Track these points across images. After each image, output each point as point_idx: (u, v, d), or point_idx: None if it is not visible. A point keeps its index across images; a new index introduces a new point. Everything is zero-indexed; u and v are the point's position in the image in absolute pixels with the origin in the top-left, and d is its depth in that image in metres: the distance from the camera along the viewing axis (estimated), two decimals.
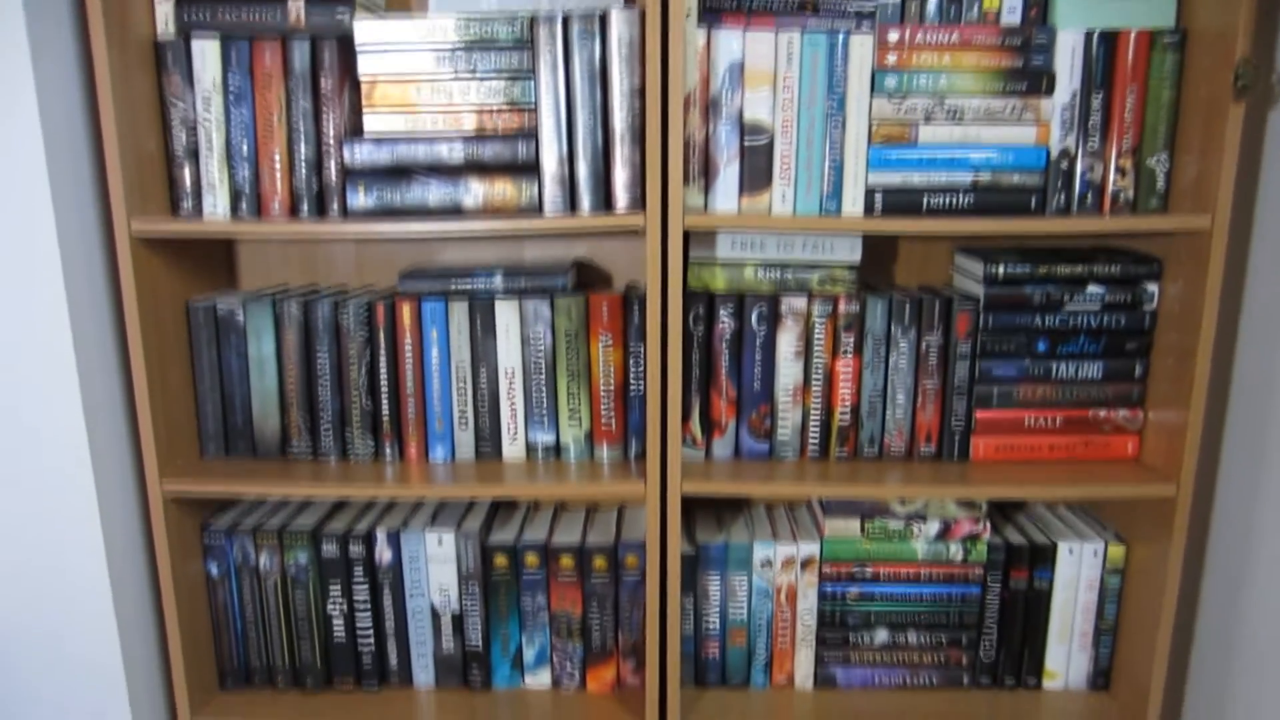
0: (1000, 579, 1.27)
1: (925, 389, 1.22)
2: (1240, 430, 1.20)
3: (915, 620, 1.29)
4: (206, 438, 1.25)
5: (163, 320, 1.17)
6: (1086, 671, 1.29)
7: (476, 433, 1.24)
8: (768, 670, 1.32)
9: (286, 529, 1.26)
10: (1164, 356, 1.17)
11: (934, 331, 1.20)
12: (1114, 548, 1.25)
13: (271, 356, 1.22)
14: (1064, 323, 1.18)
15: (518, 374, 1.23)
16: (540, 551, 1.28)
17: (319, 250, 1.36)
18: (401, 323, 1.21)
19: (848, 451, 1.24)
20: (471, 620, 1.29)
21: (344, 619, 1.29)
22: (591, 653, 1.31)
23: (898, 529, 1.27)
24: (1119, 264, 1.17)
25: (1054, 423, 1.21)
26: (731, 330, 1.20)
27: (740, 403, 1.23)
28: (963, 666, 1.30)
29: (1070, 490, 1.15)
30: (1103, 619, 1.27)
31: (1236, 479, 1.20)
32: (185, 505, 1.23)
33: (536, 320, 1.21)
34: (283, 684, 1.31)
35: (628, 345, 1.22)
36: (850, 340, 1.20)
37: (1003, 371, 1.20)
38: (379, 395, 1.23)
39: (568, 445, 1.25)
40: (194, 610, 1.25)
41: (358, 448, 1.24)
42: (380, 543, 1.27)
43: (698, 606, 1.29)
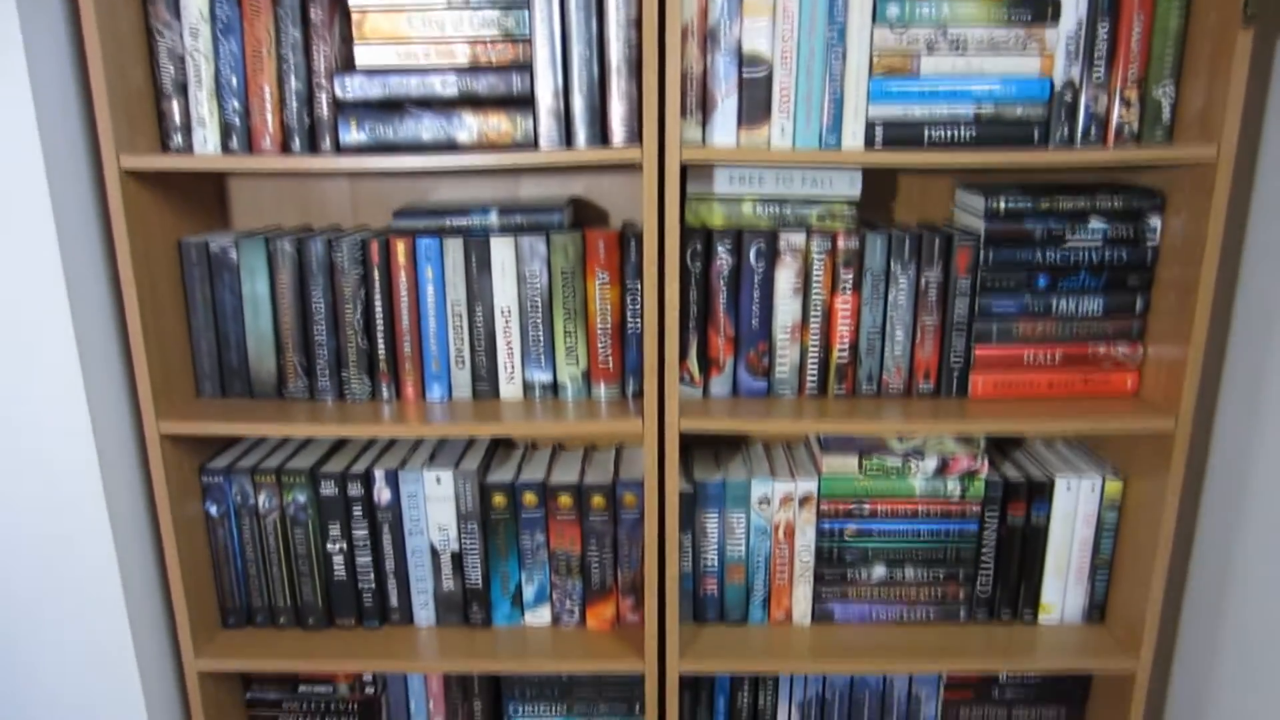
0: (997, 515, 1.27)
1: (924, 326, 1.21)
2: (1240, 365, 1.19)
3: (912, 556, 1.29)
4: (202, 378, 1.24)
5: (155, 259, 1.16)
6: (1082, 605, 1.31)
7: (473, 372, 1.24)
8: (766, 606, 1.33)
9: (284, 469, 1.26)
10: (1165, 291, 1.16)
11: (934, 267, 1.19)
12: (1111, 483, 1.25)
13: (266, 296, 1.21)
14: (1065, 258, 1.17)
15: (514, 312, 1.22)
16: (539, 490, 1.28)
17: (312, 190, 1.35)
18: (396, 261, 1.20)
19: (846, 389, 1.24)
20: (471, 559, 1.30)
21: (344, 558, 1.29)
22: (591, 590, 1.32)
23: (895, 466, 1.27)
24: (1121, 198, 1.15)
25: (1053, 359, 1.21)
26: (729, 267, 1.19)
27: (738, 340, 1.22)
28: (959, 601, 1.31)
29: (1068, 425, 1.14)
30: (1099, 554, 1.28)
31: (1235, 414, 1.20)
32: (182, 445, 1.23)
33: (532, 258, 1.20)
34: (285, 622, 1.32)
35: (624, 283, 1.21)
36: (849, 277, 1.19)
37: (1002, 307, 1.20)
38: (375, 335, 1.22)
39: (565, 384, 1.25)
40: (194, 550, 1.26)
41: (354, 388, 1.24)
42: (379, 482, 1.27)
43: (696, 544, 1.30)
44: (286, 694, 1.38)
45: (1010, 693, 1.36)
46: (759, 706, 1.37)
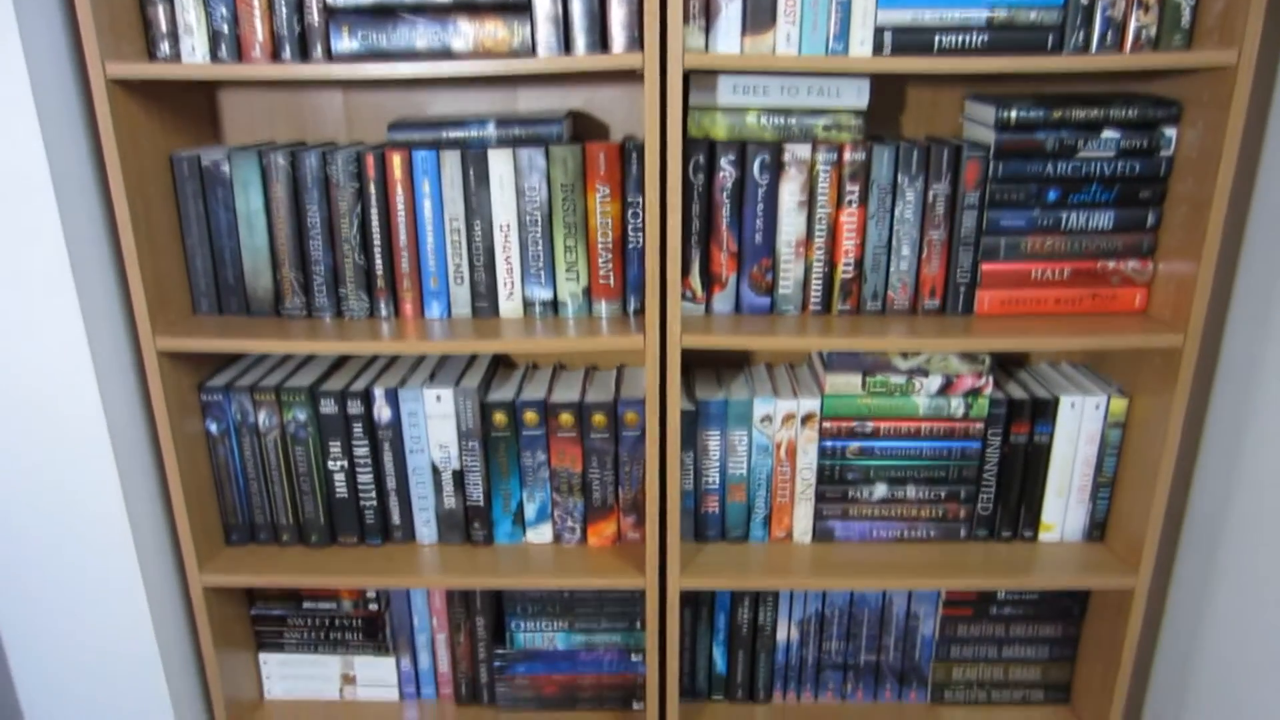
0: (1001, 434, 1.27)
1: (931, 241, 1.19)
2: (1251, 281, 1.17)
3: (914, 475, 1.29)
4: (198, 294, 1.23)
5: (146, 173, 1.14)
6: (1082, 524, 1.31)
7: (472, 289, 1.22)
8: (767, 525, 1.33)
9: (284, 387, 1.25)
10: (1177, 205, 1.13)
11: (942, 181, 1.16)
12: (1116, 401, 1.24)
13: (260, 211, 1.19)
14: (1076, 170, 1.14)
15: (513, 228, 1.20)
16: (539, 409, 1.27)
17: (305, 103, 1.31)
18: (392, 175, 1.17)
19: (850, 306, 1.22)
20: (472, 477, 1.30)
21: (345, 476, 1.29)
22: (592, 508, 1.33)
23: (899, 384, 1.26)
24: (1136, 108, 1.12)
25: (1061, 275, 1.19)
26: (733, 180, 1.16)
27: (741, 256, 1.20)
28: (960, 520, 1.31)
29: (1075, 342, 1.13)
30: (1101, 473, 1.27)
31: (1244, 331, 1.18)
32: (180, 363, 1.22)
33: (531, 171, 1.17)
34: (288, 540, 1.33)
35: (625, 197, 1.19)
36: (855, 190, 1.17)
37: (1011, 222, 1.17)
38: (372, 251, 1.20)
39: (565, 301, 1.23)
40: (196, 468, 1.26)
41: (352, 305, 1.23)
42: (379, 400, 1.26)
43: (697, 463, 1.30)
44: (291, 610, 1.40)
45: (1009, 610, 1.37)
46: (759, 623, 1.39)
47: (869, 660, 1.41)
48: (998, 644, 1.39)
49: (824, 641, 1.40)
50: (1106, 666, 1.30)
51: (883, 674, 1.42)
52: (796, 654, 1.41)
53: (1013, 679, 1.41)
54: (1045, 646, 1.38)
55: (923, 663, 1.41)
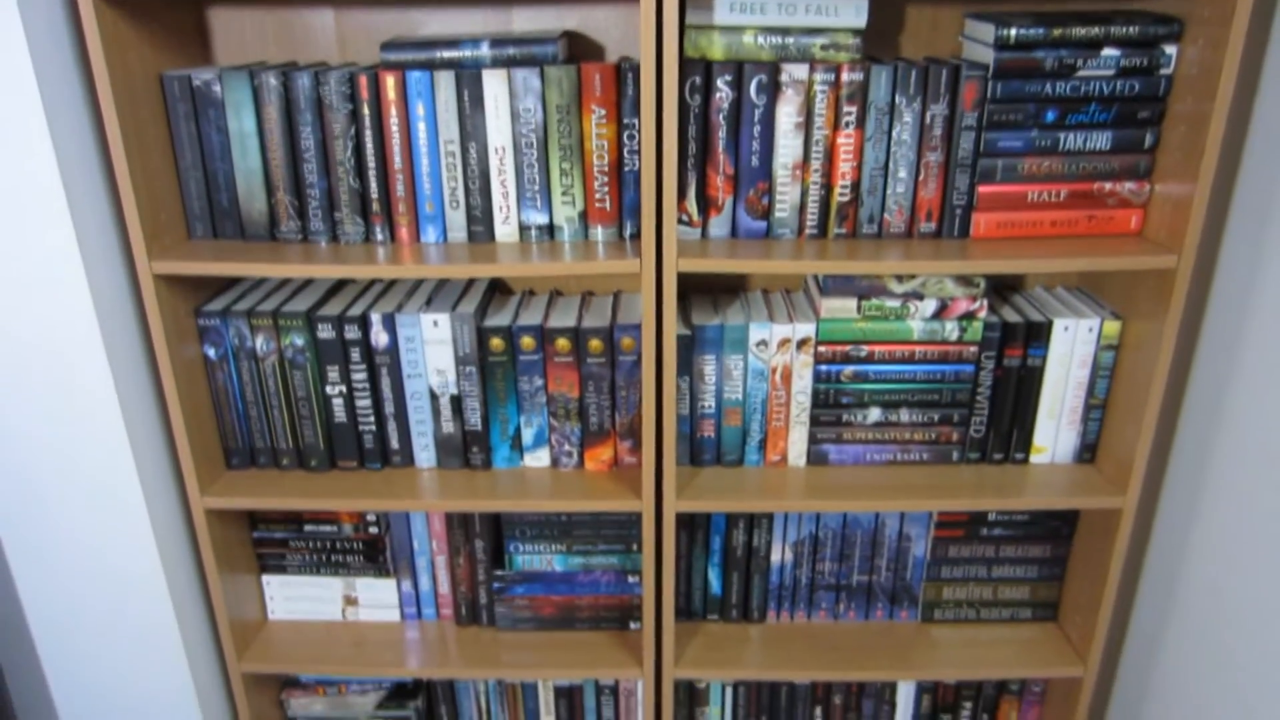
0: (994, 357, 1.28)
1: (928, 164, 1.18)
2: (1246, 204, 1.17)
3: (908, 399, 1.30)
4: (193, 218, 1.22)
5: (136, 93, 1.12)
6: (1074, 446, 1.32)
7: (468, 214, 1.22)
8: (761, 449, 1.34)
9: (280, 312, 1.26)
10: (1176, 125, 1.13)
11: (940, 102, 1.15)
12: (1109, 324, 1.25)
13: (253, 133, 1.18)
14: (1075, 90, 1.14)
15: (508, 151, 1.19)
16: (536, 334, 1.28)
17: (295, 22, 1.29)
18: (386, 97, 1.16)
19: (847, 229, 1.22)
20: (470, 402, 1.31)
21: (344, 401, 1.30)
22: (589, 433, 1.34)
23: (894, 308, 1.26)
24: (1137, 25, 1.11)
25: (1058, 197, 1.19)
26: (729, 101, 1.16)
27: (737, 180, 1.20)
28: (953, 443, 1.33)
29: (1071, 263, 1.13)
30: (1093, 395, 1.29)
31: (1238, 254, 1.19)
32: (177, 287, 1.22)
33: (526, 93, 1.16)
34: (288, 464, 1.34)
35: (621, 120, 1.18)
36: (853, 112, 1.16)
37: (1008, 144, 1.17)
38: (366, 175, 1.19)
39: (561, 226, 1.23)
40: (195, 392, 1.26)
41: (347, 229, 1.22)
42: (375, 325, 1.27)
43: (693, 388, 1.31)
44: (292, 533, 1.42)
45: (999, 531, 1.39)
46: (753, 545, 1.41)
47: (861, 581, 1.44)
48: (988, 564, 1.41)
49: (817, 563, 1.42)
50: (1093, 585, 1.33)
51: (874, 594, 1.45)
52: (790, 575, 1.43)
53: (1001, 598, 1.44)
54: (1034, 566, 1.41)
55: (914, 583, 1.43)
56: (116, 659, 1.37)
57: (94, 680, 1.39)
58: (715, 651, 1.42)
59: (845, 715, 1.53)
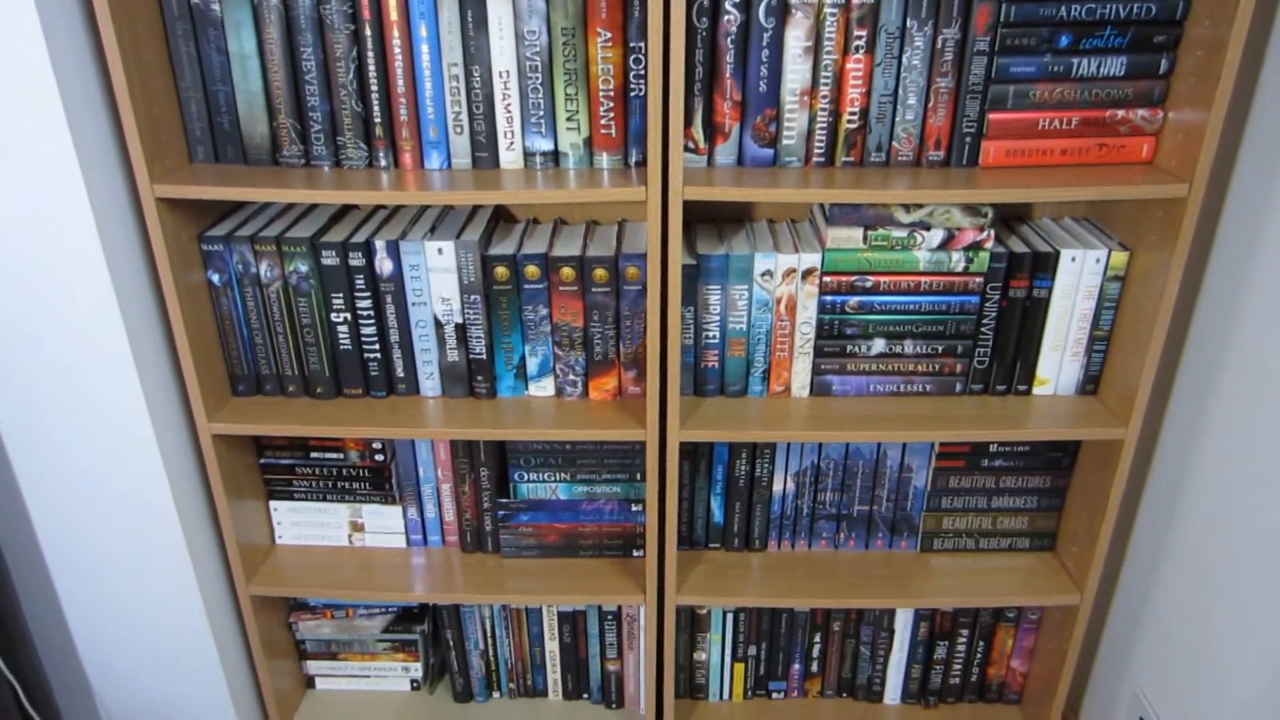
0: (1000, 288, 1.27)
1: (938, 90, 1.17)
2: (1259, 135, 1.16)
3: (912, 330, 1.30)
4: (194, 142, 1.21)
5: (134, 11, 1.10)
6: (1076, 378, 1.33)
7: (472, 139, 1.21)
8: (765, 379, 1.35)
9: (284, 238, 1.25)
10: (1192, 50, 1.11)
11: (952, 26, 1.13)
12: (1117, 255, 1.24)
13: (254, 54, 1.16)
14: (1090, 13, 1.11)
15: (512, 75, 1.17)
16: (540, 263, 1.27)
17: None
18: (388, 17, 1.14)
19: (854, 158, 1.21)
20: (474, 330, 1.31)
21: (349, 329, 1.30)
22: (593, 363, 1.34)
23: (900, 238, 1.25)
24: None
25: (1069, 124, 1.17)
26: (738, 24, 1.14)
27: (744, 106, 1.18)
28: (956, 374, 1.33)
29: (1080, 191, 1.12)
30: (1098, 327, 1.29)
31: (1249, 183, 1.18)
32: (180, 211, 1.21)
33: (531, 15, 1.14)
34: (294, 391, 1.35)
35: (628, 43, 1.16)
36: (863, 36, 1.14)
37: (1021, 69, 1.15)
38: (369, 98, 1.18)
39: (566, 152, 1.22)
40: (200, 318, 1.27)
41: (350, 154, 1.21)
42: (380, 253, 1.26)
43: (698, 318, 1.30)
44: (299, 459, 1.43)
45: (999, 462, 1.40)
46: (756, 475, 1.42)
47: (861, 511, 1.45)
48: (987, 495, 1.43)
49: (818, 493, 1.44)
50: (1092, 515, 1.34)
51: (874, 524, 1.46)
52: (792, 505, 1.45)
53: (1000, 528, 1.45)
54: (1033, 497, 1.43)
55: (914, 513, 1.45)
56: (128, 582, 1.39)
57: (107, 603, 1.41)
58: (717, 579, 1.44)
59: (844, 642, 1.55)
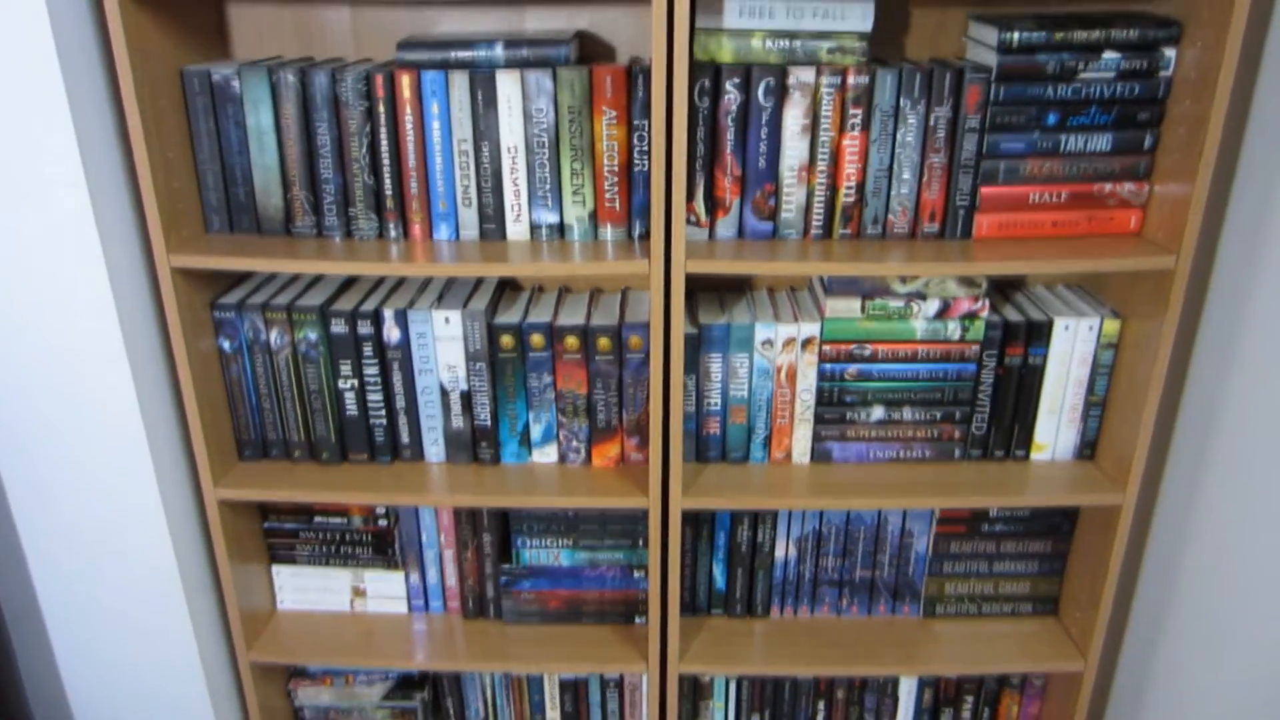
0: (996, 356, 1.30)
1: (932, 166, 1.21)
2: (1243, 205, 1.19)
3: (911, 397, 1.32)
4: (210, 212, 1.25)
5: (157, 87, 1.15)
6: (1074, 443, 1.35)
7: (480, 212, 1.24)
8: (766, 446, 1.36)
9: (295, 306, 1.28)
10: (1175, 126, 1.15)
11: (943, 105, 1.18)
12: (1109, 323, 1.27)
13: (270, 129, 1.20)
14: (1076, 93, 1.16)
15: (520, 151, 1.21)
16: (546, 332, 1.30)
17: (313, 19, 1.32)
18: (401, 95, 1.18)
19: (851, 231, 1.24)
20: (479, 398, 1.33)
21: (355, 395, 1.32)
22: (597, 430, 1.36)
23: (898, 308, 1.28)
24: (1137, 28, 1.13)
25: (1059, 198, 1.21)
26: (738, 104, 1.18)
27: (745, 181, 1.22)
28: (955, 440, 1.35)
29: (1071, 264, 1.16)
30: (1093, 393, 1.31)
31: (1236, 254, 1.21)
32: (193, 280, 1.24)
33: (539, 94, 1.18)
34: (299, 456, 1.36)
35: (632, 121, 1.20)
36: (858, 115, 1.18)
37: (1011, 146, 1.19)
38: (381, 172, 1.22)
39: (571, 225, 1.25)
40: (210, 384, 1.29)
41: (361, 226, 1.25)
42: (388, 321, 1.29)
43: (699, 386, 1.33)
44: (303, 524, 1.44)
45: (1000, 527, 1.41)
46: (758, 541, 1.43)
47: (864, 576, 1.45)
48: (989, 560, 1.43)
49: (820, 559, 1.44)
50: (1094, 580, 1.35)
51: (877, 590, 1.47)
52: (794, 571, 1.45)
53: (1003, 593, 1.46)
54: (1035, 562, 1.43)
55: (916, 578, 1.45)
56: (127, 647, 1.39)
57: (105, 667, 1.40)
58: (720, 646, 1.43)
59: (848, 710, 1.54)
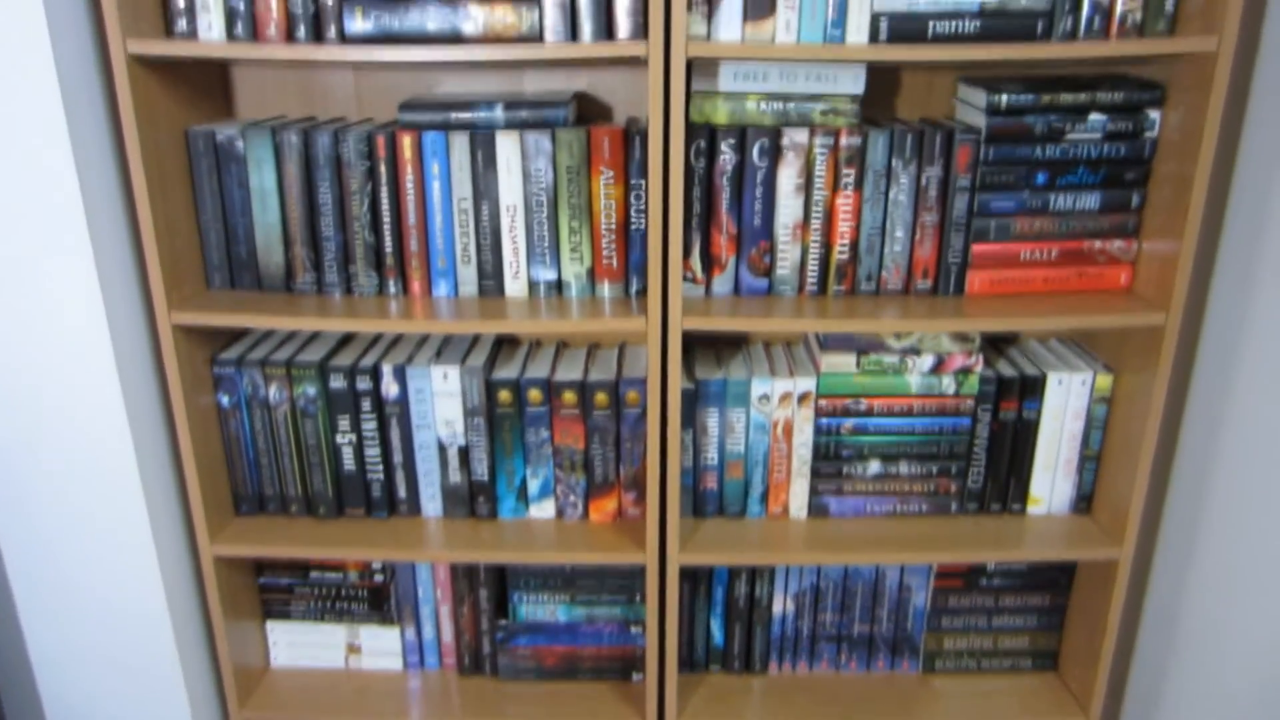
0: (990, 410, 1.31)
1: (924, 224, 1.23)
2: (1231, 260, 1.22)
3: (907, 452, 1.33)
4: (212, 269, 1.26)
5: (162, 147, 1.17)
6: (1069, 497, 1.35)
7: (479, 269, 1.26)
8: (764, 501, 1.37)
9: (294, 361, 1.29)
10: (1161, 186, 1.18)
11: (935, 165, 1.20)
12: (1102, 377, 1.28)
13: (273, 188, 1.22)
14: (1064, 153, 1.19)
15: (519, 210, 1.23)
16: (543, 387, 1.31)
17: (316, 80, 1.34)
18: (402, 155, 1.20)
19: (845, 288, 1.26)
20: (477, 453, 1.33)
21: (353, 450, 1.33)
22: (594, 485, 1.36)
23: (892, 363, 1.30)
24: (1122, 91, 1.16)
25: (1049, 255, 1.23)
26: (733, 164, 1.20)
27: (740, 239, 1.24)
28: (951, 495, 1.35)
29: (1062, 321, 1.17)
30: (1087, 447, 1.32)
31: (1225, 309, 1.23)
32: (194, 336, 1.25)
33: (537, 154, 1.21)
34: (296, 511, 1.36)
35: (629, 181, 1.22)
36: (851, 175, 1.21)
37: (1001, 205, 1.21)
38: (382, 230, 1.23)
39: (569, 282, 1.27)
40: (208, 439, 1.29)
41: (361, 283, 1.26)
42: (386, 377, 1.29)
43: (696, 441, 1.33)
44: (298, 580, 1.43)
45: (998, 581, 1.41)
46: (755, 596, 1.42)
47: (862, 631, 1.45)
48: (988, 614, 1.43)
49: (819, 614, 1.44)
50: (1092, 634, 1.34)
51: (876, 645, 1.46)
52: (792, 626, 1.44)
53: (1002, 648, 1.45)
54: (1033, 616, 1.43)
55: (915, 633, 1.45)
56: (119, 704, 1.37)
57: None
58: (718, 703, 1.42)
59: None
